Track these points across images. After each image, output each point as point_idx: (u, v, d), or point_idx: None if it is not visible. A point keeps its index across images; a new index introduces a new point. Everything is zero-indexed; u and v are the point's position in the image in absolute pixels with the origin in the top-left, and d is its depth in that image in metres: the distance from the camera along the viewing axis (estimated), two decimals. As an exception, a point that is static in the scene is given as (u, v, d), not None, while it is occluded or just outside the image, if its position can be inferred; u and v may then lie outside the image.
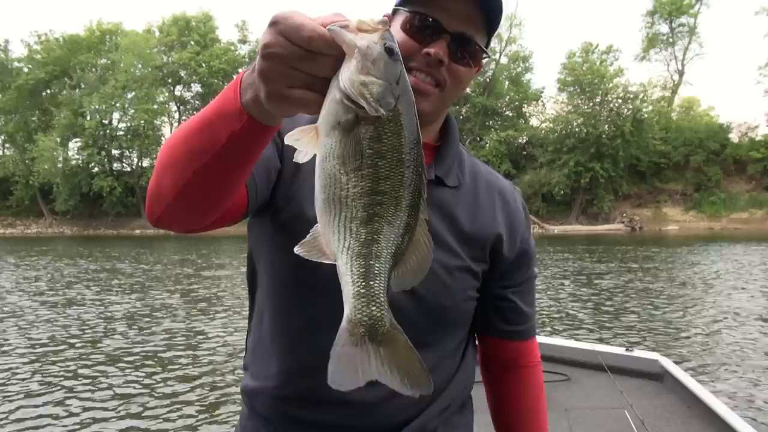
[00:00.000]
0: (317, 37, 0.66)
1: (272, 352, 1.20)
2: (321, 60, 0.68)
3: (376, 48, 0.67)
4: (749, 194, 40.45)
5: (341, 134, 0.68)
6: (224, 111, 0.80)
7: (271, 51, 0.68)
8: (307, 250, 0.74)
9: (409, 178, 0.70)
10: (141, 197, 52.77)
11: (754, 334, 8.45)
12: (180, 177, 0.88)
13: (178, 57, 53.97)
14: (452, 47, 1.07)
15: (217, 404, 5.87)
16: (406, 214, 0.71)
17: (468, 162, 1.28)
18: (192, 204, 0.92)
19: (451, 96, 1.15)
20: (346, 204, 0.69)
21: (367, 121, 0.67)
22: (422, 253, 0.74)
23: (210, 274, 17.03)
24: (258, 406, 1.24)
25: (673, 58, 50.76)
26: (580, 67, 44.33)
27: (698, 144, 41.72)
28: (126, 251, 26.95)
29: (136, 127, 52.67)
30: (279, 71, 0.69)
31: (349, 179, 0.69)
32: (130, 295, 13.00)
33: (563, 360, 4.31)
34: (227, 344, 8.32)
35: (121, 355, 7.68)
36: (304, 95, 0.70)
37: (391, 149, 0.69)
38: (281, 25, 0.67)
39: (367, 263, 0.71)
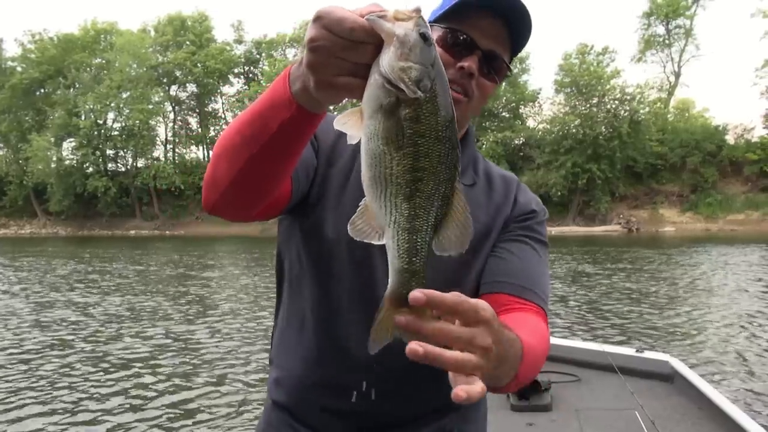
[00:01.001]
0: (358, 27, 0.72)
1: (296, 342, 1.28)
2: (362, 48, 0.74)
3: (413, 35, 0.72)
4: (745, 195, 40.51)
5: (384, 116, 0.73)
6: (275, 101, 0.87)
7: (317, 44, 0.74)
8: (357, 227, 0.79)
9: (445, 154, 0.76)
10: (136, 197, 52.55)
11: (763, 335, 8.38)
12: (234, 164, 0.96)
13: (174, 57, 53.78)
14: (482, 63, 1.17)
15: (227, 404, 5.71)
16: (444, 187, 0.77)
17: (482, 164, 1.37)
18: (245, 190, 1.00)
19: (476, 107, 1.22)
20: (390, 181, 0.75)
21: (407, 103, 0.73)
22: (461, 220, 0.79)
23: (207, 275, 16.86)
24: (283, 396, 1.31)
25: (669, 59, 50.93)
26: (577, 69, 44.32)
27: (694, 145, 41.78)
28: (121, 252, 26.73)
29: (131, 127, 52.44)
30: (325, 62, 0.75)
31: (393, 158, 0.74)
32: (126, 296, 12.81)
33: (573, 361, 4.31)
34: (228, 342, 8.18)
35: (119, 358, 7.51)
36: (349, 81, 0.76)
37: (429, 128, 0.74)
38: (324, 20, 0.73)
39: (411, 238, 0.77)
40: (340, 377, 1.11)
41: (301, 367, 1.26)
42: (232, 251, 26.63)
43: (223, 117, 59.47)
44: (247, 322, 9.76)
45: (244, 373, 6.83)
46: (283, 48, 56.70)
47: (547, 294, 1.25)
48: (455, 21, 1.18)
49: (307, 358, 1.25)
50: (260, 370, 6.90)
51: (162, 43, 55.60)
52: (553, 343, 4.41)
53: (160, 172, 50.87)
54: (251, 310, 10.92)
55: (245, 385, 6.42)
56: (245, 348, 7.96)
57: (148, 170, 51.92)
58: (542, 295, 1.22)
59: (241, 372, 6.87)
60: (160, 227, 50.58)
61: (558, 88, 46.11)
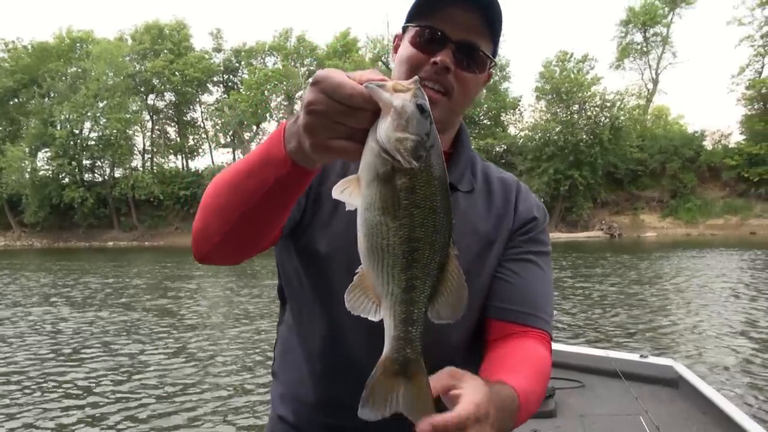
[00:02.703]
0: (356, 94, 0.74)
1: (300, 359, 1.27)
2: (360, 114, 0.75)
3: (410, 107, 0.74)
4: (723, 200, 41.01)
5: (380, 185, 0.75)
6: (270, 158, 0.88)
7: (314, 108, 0.76)
8: (354, 298, 0.81)
9: (441, 223, 0.78)
10: (114, 208, 51.70)
11: (763, 338, 8.31)
12: (228, 220, 0.98)
13: (152, 65, 53.18)
14: (457, 55, 1.15)
15: (217, 415, 5.40)
16: (439, 256, 0.79)
17: (480, 166, 1.35)
18: (239, 242, 1.03)
19: (460, 102, 1.20)
20: (387, 251, 0.77)
21: (402, 173, 0.75)
22: (456, 288, 0.81)
23: (189, 286, 16.47)
24: (288, 413, 1.30)
25: (647, 66, 51.54)
26: (557, 76, 44.62)
27: (673, 151, 42.23)
28: (99, 264, 26.12)
29: (108, 136, 51.53)
30: (321, 125, 0.77)
31: (389, 228, 0.76)
32: (104, 310, 12.39)
33: (577, 367, 4.28)
34: (217, 354, 7.86)
35: (104, 373, 7.14)
36: (344, 145, 0.78)
37: (425, 198, 0.76)
38: (323, 84, 0.75)
39: (408, 309, 0.79)
40: (345, 396, 1.06)
41: (306, 385, 1.26)
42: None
43: (202, 126, 58.92)
44: (236, 331, 9.43)
45: (236, 382, 6.52)
46: (263, 56, 56.37)
47: (551, 313, 1.28)
48: (425, 16, 1.16)
49: (312, 376, 1.25)
50: (251, 380, 6.60)
51: (139, 51, 54.97)
52: (556, 349, 4.47)
53: (138, 182, 50.08)
54: (238, 320, 10.60)
55: (238, 395, 6.11)
56: (233, 356, 7.64)
57: (126, 180, 51.09)
58: (546, 318, 1.25)
59: (233, 382, 6.55)
60: (138, 238, 49.77)
61: (539, 95, 46.33)
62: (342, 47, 51.76)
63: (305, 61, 54.01)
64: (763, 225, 37.59)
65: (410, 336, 0.80)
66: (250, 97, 50.11)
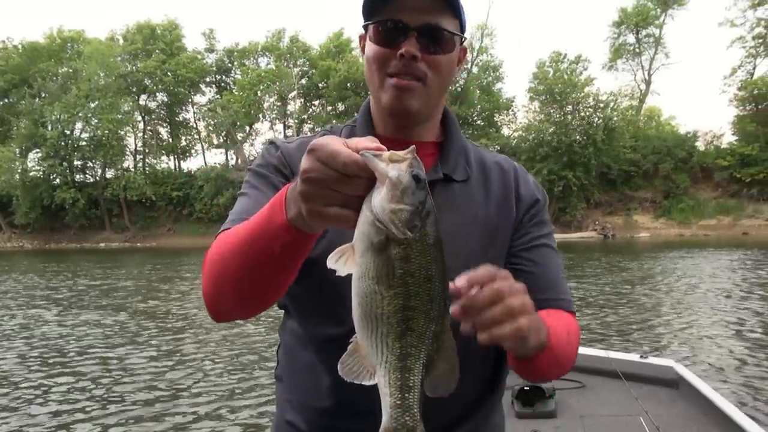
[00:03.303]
0: (351, 163, 0.75)
1: (309, 365, 1.23)
2: (355, 182, 0.76)
3: (405, 177, 0.74)
4: (716, 201, 41.13)
5: (374, 254, 0.76)
6: (272, 225, 0.88)
7: (310, 176, 0.77)
8: (348, 366, 0.81)
9: (435, 291, 0.78)
10: (105, 209, 51.34)
11: (763, 338, 8.26)
12: (240, 288, 0.99)
13: (143, 65, 52.82)
14: (422, 41, 1.12)
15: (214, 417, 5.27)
16: (434, 324, 0.78)
17: (474, 152, 1.31)
18: (255, 304, 1.04)
19: (436, 86, 1.17)
20: (381, 320, 0.77)
21: (396, 243, 0.75)
22: (450, 358, 0.81)
23: (182, 287, 16.31)
24: (297, 418, 1.27)
25: (639, 67, 51.67)
26: (551, 76, 44.63)
27: (666, 152, 42.34)
28: (90, 265, 25.89)
29: (100, 137, 51.13)
30: (317, 193, 0.77)
31: (384, 297, 0.76)
32: (94, 312, 12.23)
33: (577, 367, 4.24)
34: (210, 355, 7.74)
35: (92, 376, 7.00)
36: (340, 213, 0.78)
37: (419, 267, 0.76)
38: (318, 152, 0.76)
39: (403, 376, 0.78)
40: (361, 401, 0.99)
41: (320, 392, 1.21)
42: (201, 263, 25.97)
43: (194, 126, 58.62)
44: (230, 332, 9.30)
45: (231, 382, 6.39)
46: (255, 57, 56.12)
47: (569, 292, 1.28)
48: (380, 10, 1.13)
49: (325, 382, 1.20)
50: (247, 380, 6.48)
51: (131, 51, 54.61)
52: None
53: (130, 183, 49.73)
54: (232, 322, 10.46)
55: (233, 395, 5.99)
56: (227, 356, 7.51)
57: (117, 181, 50.73)
58: (570, 298, 1.26)
59: (227, 382, 6.43)
60: (130, 239, 49.43)
61: (532, 95, 46.33)
62: (335, 47, 51.58)
63: (298, 61, 53.83)
64: (755, 225, 37.75)
65: (407, 403, 0.79)
66: (243, 97, 49.91)
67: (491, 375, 1.28)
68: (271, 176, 1.21)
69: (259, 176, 1.22)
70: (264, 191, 1.17)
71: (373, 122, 1.28)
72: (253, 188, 1.20)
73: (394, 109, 1.17)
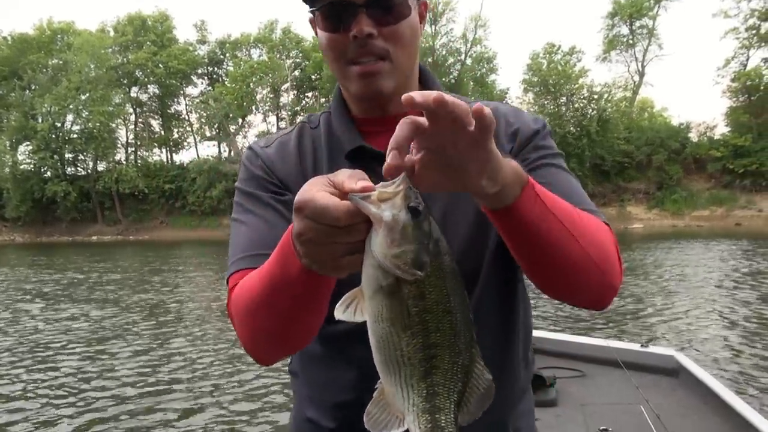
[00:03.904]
0: (342, 215, 0.68)
1: (320, 359, 1.18)
2: (353, 230, 0.70)
3: (401, 217, 0.68)
4: (709, 192, 41.22)
5: (385, 297, 0.69)
6: (291, 276, 0.82)
7: (305, 238, 0.72)
8: (374, 417, 0.75)
9: (458, 323, 0.72)
10: (97, 202, 51.01)
11: (761, 328, 8.26)
12: (276, 337, 0.95)
13: (135, 57, 52.33)
14: (373, 15, 1.03)
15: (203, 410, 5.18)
16: (461, 358, 0.72)
17: None
18: (298, 341, 0.99)
19: (404, 59, 1.08)
20: (403, 362, 0.71)
21: (407, 283, 0.69)
22: (483, 388, 0.74)
23: (176, 280, 16.19)
24: (319, 415, 1.20)
25: (633, 59, 51.59)
26: (545, 68, 44.60)
27: (660, 143, 42.39)
28: (82, 258, 25.71)
29: (91, 129, 50.70)
30: (319, 252, 0.73)
31: (401, 338, 0.70)
32: (86, 306, 12.10)
33: (578, 356, 4.33)
34: (210, 353, 7.64)
35: (82, 371, 6.90)
36: (353, 260, 0.72)
37: (436, 302, 0.70)
38: (306, 211, 0.70)
39: (433, 418, 0.72)
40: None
41: (337, 387, 1.15)
42: (196, 254, 25.83)
43: (186, 119, 58.27)
44: (227, 327, 9.20)
45: (227, 373, 6.30)
46: (248, 48, 55.73)
47: (593, 204, 1.10)
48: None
49: (340, 376, 1.14)
50: (246, 371, 6.40)
51: (122, 43, 54.06)
52: (557, 338, 4.66)
53: (122, 176, 49.40)
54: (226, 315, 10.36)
55: (230, 387, 5.90)
56: (224, 348, 7.42)
57: (109, 174, 50.37)
58: (596, 209, 1.08)
59: (224, 372, 6.34)
60: (123, 232, 49.16)
61: (526, 87, 46.30)
62: (328, 39, 51.20)
63: (291, 53, 53.50)
64: (748, 216, 37.85)
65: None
66: (236, 89, 49.59)
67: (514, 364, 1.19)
68: (262, 195, 1.14)
69: (250, 197, 1.15)
70: (259, 215, 1.11)
71: (347, 106, 1.21)
72: (247, 213, 1.14)
73: (364, 96, 1.10)
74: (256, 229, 1.08)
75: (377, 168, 1.01)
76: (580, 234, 0.91)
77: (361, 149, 1.13)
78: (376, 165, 1.00)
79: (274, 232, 1.03)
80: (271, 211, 1.11)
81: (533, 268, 0.96)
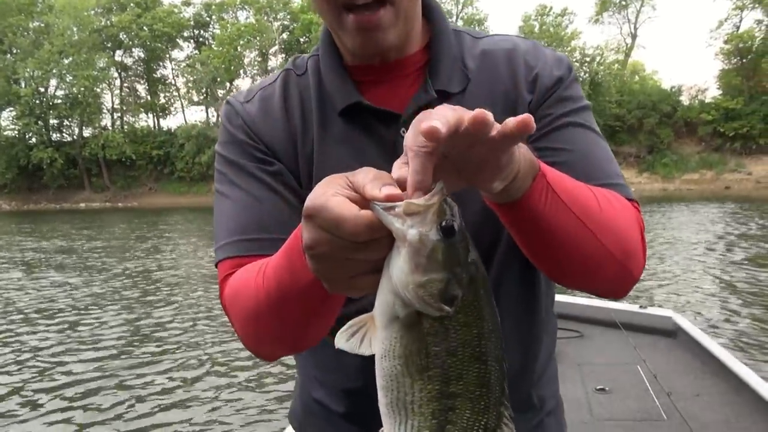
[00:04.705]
0: (362, 230, 0.57)
1: (328, 342, 1.05)
2: (374, 246, 0.58)
3: (429, 238, 0.55)
4: (699, 155, 41.34)
5: (401, 330, 0.58)
6: (300, 286, 0.74)
7: (317, 252, 0.61)
8: None
9: (488, 374, 0.59)
10: (84, 169, 50.44)
11: (747, 288, 8.27)
12: (286, 342, 0.87)
13: (118, 20, 51.15)
14: None
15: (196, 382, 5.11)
16: (486, 418, 0.58)
17: (470, 44, 1.03)
18: (305, 345, 0.91)
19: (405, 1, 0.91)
20: (412, 410, 0.58)
21: (430, 317, 0.57)
22: None
23: (167, 247, 16.06)
24: (324, 396, 1.11)
25: (626, 21, 51.03)
26: (537, 30, 44.09)
27: (651, 107, 42.28)
28: (70, 226, 25.47)
29: (76, 94, 49.85)
30: (332, 268, 0.62)
31: (414, 382, 0.57)
32: (82, 273, 11.95)
33: (576, 317, 4.36)
34: (200, 321, 7.56)
35: (64, 341, 6.80)
36: (369, 281, 0.61)
37: (463, 344, 0.57)
38: (318, 220, 0.59)
39: None
40: None
41: (343, 372, 1.05)
42: (185, 221, 25.64)
43: (173, 83, 57.31)
44: (214, 297, 9.11)
45: (219, 349, 6.23)
46: (234, 10, 54.62)
47: (621, 176, 0.96)
48: None
49: (346, 362, 1.01)
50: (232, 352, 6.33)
51: (104, 5, 52.76)
52: (555, 299, 4.40)
53: (108, 142, 48.75)
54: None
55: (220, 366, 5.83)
56: (214, 325, 7.34)
57: (96, 140, 49.71)
58: (623, 182, 0.95)
59: (215, 348, 6.27)
60: (111, 199, 48.78)
61: (517, 50, 45.80)
62: (316, 0, 50.29)
63: (279, 15, 52.52)
64: (737, 179, 38.07)
65: None
66: (223, 53, 48.76)
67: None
68: (246, 164, 0.98)
69: (233, 166, 1.00)
70: (245, 188, 0.97)
71: (339, 51, 1.02)
72: (231, 186, 0.98)
73: (364, 51, 0.93)
74: (242, 206, 0.95)
75: (375, 126, 0.94)
76: (598, 227, 0.80)
77: (357, 105, 0.96)
78: (374, 122, 0.94)
79: (261, 209, 0.93)
80: (257, 183, 0.97)
81: (541, 262, 0.87)
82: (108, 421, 4.66)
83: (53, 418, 4.74)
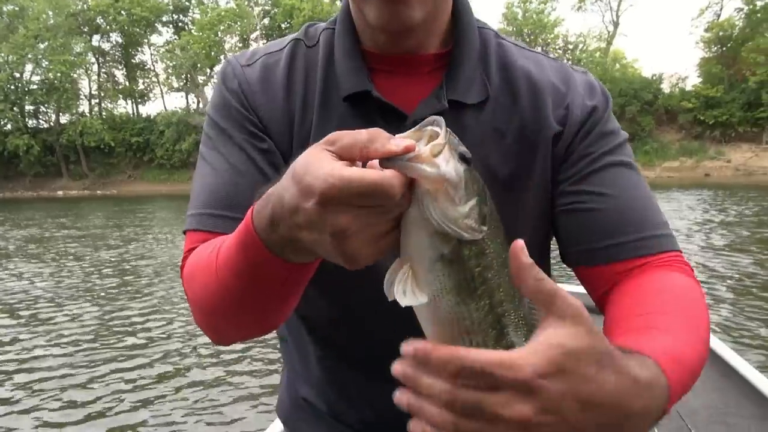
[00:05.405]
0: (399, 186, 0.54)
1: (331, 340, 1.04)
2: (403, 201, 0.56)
3: (461, 170, 0.57)
4: (680, 143, 41.66)
5: (446, 266, 0.59)
6: (263, 270, 0.67)
7: (348, 233, 0.55)
8: None
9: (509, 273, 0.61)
10: (62, 156, 49.60)
11: (728, 275, 8.29)
12: (246, 328, 0.82)
13: (95, 4, 50.15)
14: None
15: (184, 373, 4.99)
16: (522, 310, 0.62)
17: (497, 53, 0.94)
18: (267, 329, 0.84)
19: None
20: (474, 331, 0.60)
21: (468, 243, 0.59)
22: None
23: (148, 236, 15.82)
24: (309, 394, 1.09)
25: (608, 8, 51.18)
26: (520, 17, 44.01)
27: (633, 95, 42.48)
28: (47, 215, 25.02)
29: (52, 80, 48.86)
30: (363, 244, 0.57)
31: (469, 306, 0.60)
32: (58, 262, 11.71)
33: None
34: (181, 311, 7.41)
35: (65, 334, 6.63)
36: (389, 241, 0.59)
37: (495, 255, 0.60)
38: (342, 197, 0.53)
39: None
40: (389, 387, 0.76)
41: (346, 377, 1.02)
42: (165, 209, 25.32)
43: (152, 69, 56.39)
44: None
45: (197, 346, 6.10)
46: (215, -5, 53.78)
47: (666, 223, 0.89)
48: None
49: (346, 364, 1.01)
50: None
51: (81, -12, 51.71)
52: None
53: (86, 129, 47.91)
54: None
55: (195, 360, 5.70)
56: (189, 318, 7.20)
57: (73, 126, 48.81)
58: (668, 231, 0.88)
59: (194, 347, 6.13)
60: (90, 187, 48.05)
61: (501, 36, 45.73)
62: (298, -15, 49.71)
63: (260, 0, 51.81)
64: (717, 167, 38.45)
65: None
66: (203, 38, 48.04)
67: None
68: (234, 134, 0.91)
69: (221, 133, 0.93)
70: (228, 159, 0.90)
71: (357, 32, 0.93)
72: (216, 153, 0.92)
73: (386, 27, 0.84)
74: (222, 178, 0.89)
75: (378, 120, 0.89)
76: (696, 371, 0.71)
77: (366, 94, 0.89)
78: (377, 116, 0.89)
79: (240, 186, 0.87)
80: (243, 156, 0.90)
81: None
82: (85, 417, 4.52)
83: (28, 413, 4.59)
